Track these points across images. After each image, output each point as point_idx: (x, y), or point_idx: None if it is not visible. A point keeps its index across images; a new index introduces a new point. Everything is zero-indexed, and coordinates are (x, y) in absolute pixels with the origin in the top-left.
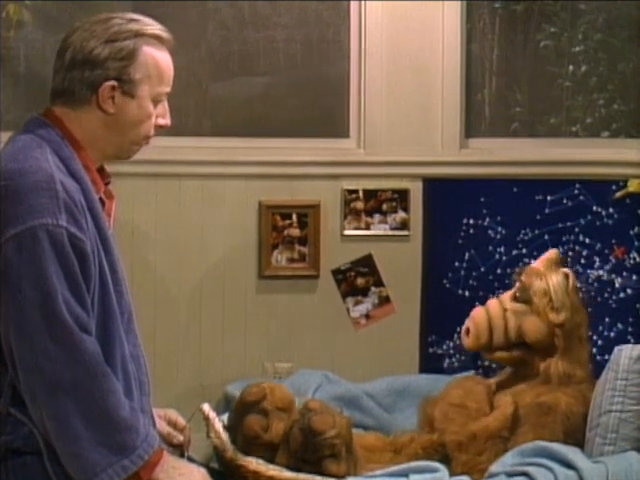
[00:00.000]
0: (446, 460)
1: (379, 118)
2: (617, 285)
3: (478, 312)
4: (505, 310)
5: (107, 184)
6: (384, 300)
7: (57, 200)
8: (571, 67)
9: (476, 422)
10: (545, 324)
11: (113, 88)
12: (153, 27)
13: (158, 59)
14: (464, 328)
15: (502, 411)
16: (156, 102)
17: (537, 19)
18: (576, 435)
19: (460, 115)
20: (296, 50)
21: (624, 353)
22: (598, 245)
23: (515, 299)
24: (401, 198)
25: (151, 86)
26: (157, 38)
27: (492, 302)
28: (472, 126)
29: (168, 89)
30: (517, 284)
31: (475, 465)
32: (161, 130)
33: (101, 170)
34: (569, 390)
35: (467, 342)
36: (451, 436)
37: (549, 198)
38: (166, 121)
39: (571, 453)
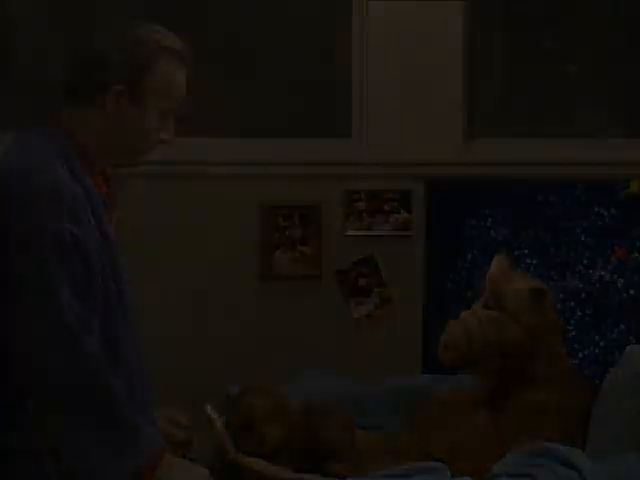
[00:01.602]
0: None
1: (381, 119)
2: (618, 285)
3: (453, 325)
4: (481, 321)
5: (108, 188)
6: (386, 300)
7: (60, 201)
8: (571, 67)
9: (458, 430)
10: (523, 330)
11: (121, 93)
12: (174, 42)
13: (171, 74)
14: (441, 342)
15: (483, 413)
16: (162, 116)
17: (538, 19)
18: (570, 428)
19: (462, 116)
20: (296, 50)
21: (637, 354)
22: (599, 246)
23: (487, 307)
24: (403, 199)
25: (159, 99)
26: (175, 53)
27: (466, 314)
28: (473, 127)
29: (176, 105)
30: (485, 294)
31: (476, 470)
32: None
33: (102, 174)
34: (554, 386)
35: (445, 355)
36: (440, 454)
37: (550, 198)
38: (169, 137)
39: (574, 454)
